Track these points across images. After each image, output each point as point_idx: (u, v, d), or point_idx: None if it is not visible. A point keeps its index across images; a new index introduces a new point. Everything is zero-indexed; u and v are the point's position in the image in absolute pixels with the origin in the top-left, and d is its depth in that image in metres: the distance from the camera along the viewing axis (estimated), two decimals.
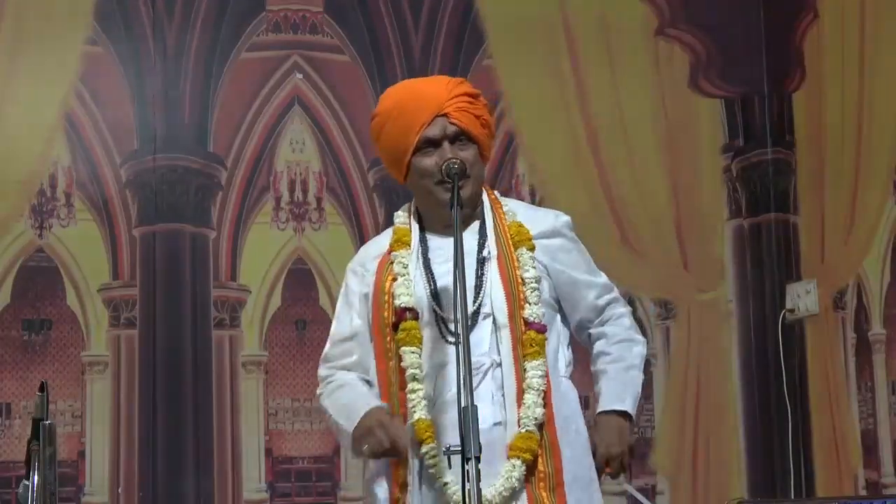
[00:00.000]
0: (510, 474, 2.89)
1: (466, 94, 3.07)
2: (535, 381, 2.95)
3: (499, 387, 2.95)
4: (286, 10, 5.03)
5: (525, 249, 3.06)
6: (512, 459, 2.91)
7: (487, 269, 3.03)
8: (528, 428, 2.92)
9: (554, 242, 3.12)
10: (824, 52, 5.15)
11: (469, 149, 3.04)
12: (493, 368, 2.96)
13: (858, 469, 4.93)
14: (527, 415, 2.92)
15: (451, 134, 3.03)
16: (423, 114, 3.03)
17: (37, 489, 2.75)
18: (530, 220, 3.12)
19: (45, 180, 4.73)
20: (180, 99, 4.87)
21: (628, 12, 5.34)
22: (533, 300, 3.01)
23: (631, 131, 5.28)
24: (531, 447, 2.92)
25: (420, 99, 3.06)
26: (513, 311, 2.99)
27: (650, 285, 5.28)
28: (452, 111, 3.03)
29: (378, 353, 3.05)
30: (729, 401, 5.25)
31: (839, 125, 5.05)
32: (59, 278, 4.71)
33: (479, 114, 3.07)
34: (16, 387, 4.62)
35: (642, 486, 5.12)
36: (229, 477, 4.75)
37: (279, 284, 4.89)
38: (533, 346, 2.97)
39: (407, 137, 3.04)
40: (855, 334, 4.99)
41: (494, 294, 3.00)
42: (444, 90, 3.06)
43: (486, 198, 3.13)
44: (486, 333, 2.98)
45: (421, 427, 2.93)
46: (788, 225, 5.29)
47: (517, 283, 3.01)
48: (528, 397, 2.94)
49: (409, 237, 3.08)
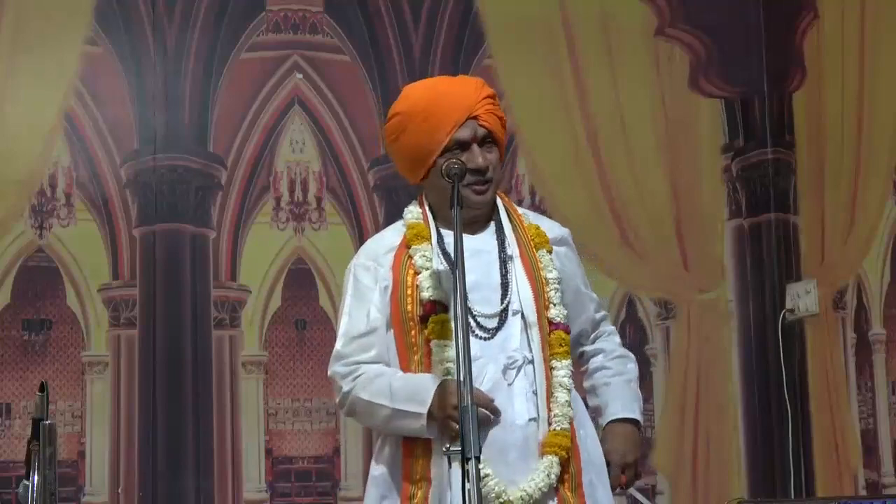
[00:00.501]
0: (549, 471, 2.90)
1: (490, 95, 3.08)
2: (565, 379, 2.98)
3: (531, 383, 2.95)
4: (286, 10, 5.03)
5: (545, 251, 3.09)
6: (549, 456, 2.91)
7: (512, 267, 3.04)
8: (563, 426, 2.94)
9: (561, 250, 3.15)
10: (824, 52, 5.15)
11: (494, 151, 3.05)
12: (525, 365, 2.97)
13: (858, 469, 4.93)
14: (559, 412, 2.94)
15: (481, 137, 3.03)
16: (455, 115, 3.02)
17: (37, 489, 2.75)
18: (543, 227, 3.16)
19: (45, 180, 4.73)
20: (180, 99, 4.87)
21: (628, 12, 5.34)
22: (556, 300, 3.03)
23: (631, 131, 5.28)
24: (566, 444, 2.93)
25: (450, 99, 3.04)
26: (539, 309, 3.00)
27: (650, 285, 5.28)
28: (482, 113, 3.03)
29: (400, 346, 3.01)
30: (729, 401, 5.25)
31: (839, 125, 5.05)
32: (59, 278, 4.71)
33: (501, 115, 3.09)
34: (16, 387, 4.62)
35: (642, 486, 5.12)
36: (229, 477, 4.75)
37: (279, 284, 4.89)
38: (561, 346, 3.00)
39: (435, 137, 3.02)
40: (855, 334, 4.99)
41: (522, 292, 3.01)
42: (473, 92, 3.06)
43: (500, 201, 3.14)
44: (517, 330, 2.98)
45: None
46: (788, 225, 5.29)
47: (542, 283, 3.03)
48: (560, 395, 2.95)
49: (427, 232, 3.06)
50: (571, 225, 5.06)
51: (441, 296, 2.97)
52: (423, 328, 2.97)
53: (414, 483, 2.93)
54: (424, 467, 2.93)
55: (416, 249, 3.04)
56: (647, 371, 5.22)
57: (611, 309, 5.19)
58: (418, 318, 2.98)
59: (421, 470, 2.93)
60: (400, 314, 3.01)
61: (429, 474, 2.92)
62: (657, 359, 5.23)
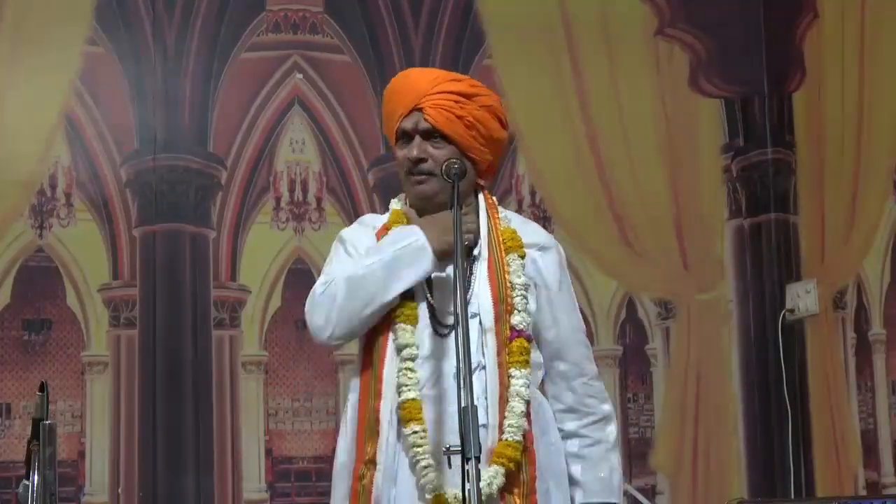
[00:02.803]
0: (492, 480, 2.87)
1: (454, 92, 3.02)
2: (522, 389, 2.94)
3: (483, 390, 2.92)
4: (286, 10, 5.03)
5: (516, 255, 3.03)
6: (495, 466, 2.89)
7: (476, 268, 3.02)
8: (515, 437, 2.91)
9: (539, 255, 3.08)
10: (824, 52, 5.15)
11: (443, 147, 3.01)
12: (478, 370, 2.94)
13: (858, 469, 4.93)
14: (512, 423, 2.91)
15: (423, 130, 3.02)
16: (402, 104, 3.04)
17: (37, 489, 2.75)
18: (525, 231, 3.11)
19: (45, 180, 4.73)
20: (180, 99, 4.87)
21: (628, 12, 5.34)
22: (521, 307, 2.99)
23: (631, 131, 5.28)
24: (514, 456, 2.91)
25: (404, 89, 3.07)
26: (500, 314, 2.97)
27: (650, 285, 5.28)
28: (428, 107, 3.00)
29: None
30: (729, 401, 5.25)
31: (839, 125, 5.05)
32: (59, 278, 4.71)
33: (464, 114, 3.01)
34: (16, 387, 4.62)
35: (642, 486, 5.13)
36: (229, 477, 4.75)
37: (279, 284, 4.89)
38: (522, 355, 2.96)
39: (388, 125, 3.10)
40: (855, 334, 4.99)
41: (482, 296, 2.98)
42: (427, 84, 3.04)
43: (483, 200, 3.11)
44: (473, 334, 2.92)
45: (414, 407, 2.90)
46: (788, 225, 5.29)
47: (506, 288, 2.99)
48: (515, 405, 2.93)
49: (406, 221, 3.05)
50: (571, 225, 5.13)
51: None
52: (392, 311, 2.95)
53: (364, 464, 2.93)
54: (371, 452, 2.92)
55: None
56: (647, 371, 5.22)
57: (611, 309, 5.20)
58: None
59: (371, 452, 2.92)
60: None
61: (375, 458, 2.91)
62: (657, 359, 5.23)
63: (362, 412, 2.96)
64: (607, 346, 5.19)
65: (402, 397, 2.91)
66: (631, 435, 5.16)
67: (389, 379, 2.93)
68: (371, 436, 2.93)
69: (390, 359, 2.95)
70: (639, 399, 5.21)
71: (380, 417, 2.92)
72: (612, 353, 5.20)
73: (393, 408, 2.92)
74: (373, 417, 2.93)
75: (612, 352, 5.20)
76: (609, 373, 5.14)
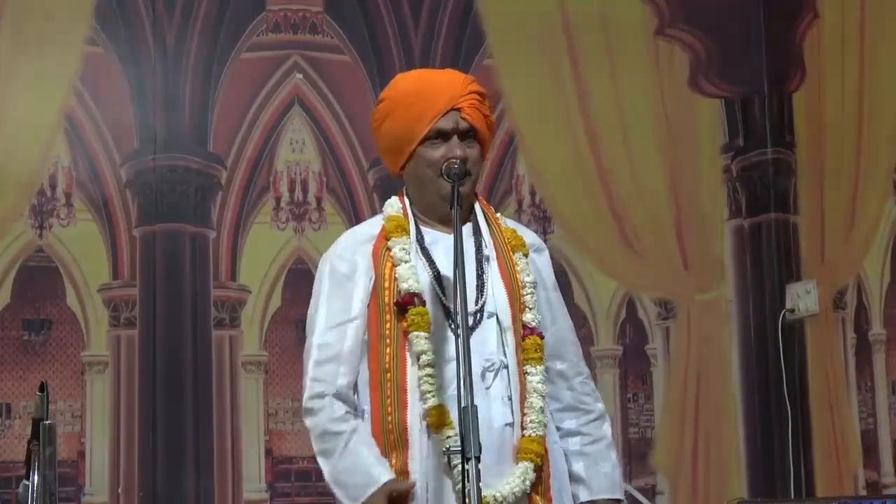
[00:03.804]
0: (525, 476, 2.90)
1: (477, 92, 3.07)
2: (540, 385, 2.98)
3: (507, 388, 2.95)
4: (286, 10, 5.03)
5: (521, 254, 3.08)
6: (524, 462, 2.92)
7: (488, 268, 3.03)
8: (538, 433, 2.94)
9: (536, 257, 3.13)
10: (824, 52, 5.15)
11: (475, 147, 3.03)
12: (502, 369, 2.96)
13: (858, 469, 4.93)
14: (533, 419, 2.95)
15: (462, 130, 3.02)
16: (438, 104, 3.01)
17: (37, 489, 2.75)
18: (520, 232, 3.15)
19: (45, 180, 4.73)
20: (180, 99, 4.87)
21: (628, 12, 5.34)
22: (531, 305, 3.02)
23: (631, 131, 5.28)
24: (540, 451, 2.94)
25: (436, 89, 3.05)
26: (515, 313, 3.00)
27: (650, 285, 5.28)
28: (466, 107, 3.02)
29: (373, 337, 2.99)
30: (729, 401, 5.25)
31: (839, 125, 5.05)
32: (59, 278, 4.71)
33: (487, 114, 3.07)
34: (16, 387, 4.62)
35: (642, 486, 5.12)
36: (229, 477, 4.75)
37: (279, 284, 4.89)
38: (536, 352, 3.00)
39: (417, 125, 3.02)
40: (855, 334, 4.99)
41: (497, 295, 3.00)
42: (459, 84, 3.06)
43: (478, 204, 3.13)
44: (493, 333, 2.97)
45: (442, 412, 2.90)
46: (788, 225, 5.29)
47: (518, 286, 3.02)
48: (535, 401, 2.96)
49: (407, 225, 3.05)
50: (571, 225, 5.13)
51: (420, 289, 2.97)
52: (399, 320, 2.96)
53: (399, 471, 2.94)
54: (400, 461, 2.93)
55: (396, 242, 3.03)
56: (647, 371, 5.22)
57: (611, 309, 5.20)
58: (395, 309, 2.97)
59: (398, 463, 2.93)
60: (377, 305, 3.00)
61: (406, 468, 2.92)
62: (657, 359, 5.23)
63: (382, 425, 2.95)
64: (607, 346, 5.19)
65: (428, 404, 2.91)
66: (631, 435, 5.16)
67: (412, 388, 2.94)
68: (396, 447, 2.93)
69: (410, 367, 2.95)
70: (639, 399, 5.21)
71: (408, 427, 2.93)
72: (612, 353, 5.20)
73: (421, 415, 2.92)
74: (399, 429, 2.93)
75: (612, 352, 5.20)
76: (609, 373, 5.15)
